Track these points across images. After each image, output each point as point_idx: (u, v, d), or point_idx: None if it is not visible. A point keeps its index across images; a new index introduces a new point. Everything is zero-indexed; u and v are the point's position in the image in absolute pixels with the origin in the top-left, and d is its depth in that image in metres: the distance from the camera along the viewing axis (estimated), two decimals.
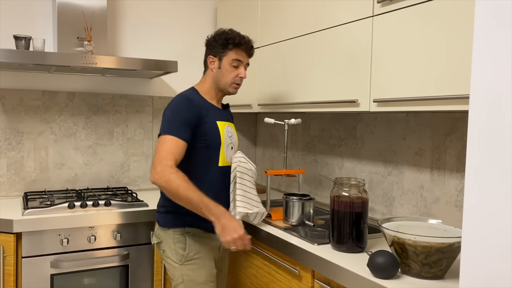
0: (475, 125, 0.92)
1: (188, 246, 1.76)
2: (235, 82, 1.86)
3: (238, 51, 1.84)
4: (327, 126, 2.42)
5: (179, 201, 1.62)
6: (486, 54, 0.90)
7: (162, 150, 1.64)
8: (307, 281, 1.61)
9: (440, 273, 1.32)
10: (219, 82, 1.86)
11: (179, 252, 1.76)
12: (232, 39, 1.82)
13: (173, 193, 1.61)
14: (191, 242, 1.77)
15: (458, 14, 1.33)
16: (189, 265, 1.76)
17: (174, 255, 1.77)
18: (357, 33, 1.72)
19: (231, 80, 1.85)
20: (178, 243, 1.77)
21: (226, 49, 1.83)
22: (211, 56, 1.86)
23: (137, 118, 2.77)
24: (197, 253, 1.77)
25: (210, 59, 1.86)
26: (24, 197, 2.34)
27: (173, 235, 1.77)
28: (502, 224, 0.87)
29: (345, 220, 1.57)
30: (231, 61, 1.83)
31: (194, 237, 1.78)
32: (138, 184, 2.80)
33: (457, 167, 1.72)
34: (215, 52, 1.85)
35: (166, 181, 1.59)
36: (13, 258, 1.98)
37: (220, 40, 1.84)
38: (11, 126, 2.46)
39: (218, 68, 1.85)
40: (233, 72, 1.84)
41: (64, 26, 2.33)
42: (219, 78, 1.85)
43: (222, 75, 1.84)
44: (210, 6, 2.95)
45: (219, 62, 1.84)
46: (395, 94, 1.55)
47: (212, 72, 1.87)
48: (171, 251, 1.77)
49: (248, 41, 1.88)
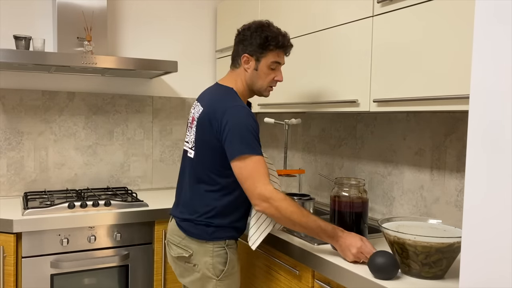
0: (475, 125, 0.92)
1: (229, 262, 1.61)
2: (271, 85, 1.69)
3: (280, 52, 1.64)
4: (327, 126, 2.42)
5: (292, 227, 1.50)
6: (486, 54, 0.90)
7: (255, 172, 1.47)
8: (307, 281, 1.60)
9: (440, 273, 1.32)
10: (254, 84, 1.67)
11: (218, 267, 1.60)
12: (274, 39, 1.61)
13: (286, 221, 1.48)
14: (232, 257, 1.63)
15: (458, 14, 1.33)
16: (226, 280, 1.62)
17: (211, 270, 1.59)
18: (357, 33, 1.72)
19: (267, 83, 1.67)
20: (218, 257, 1.60)
21: (267, 50, 1.61)
22: (247, 55, 1.63)
23: (137, 118, 2.77)
24: (233, 267, 1.64)
25: (245, 58, 1.63)
26: (24, 197, 2.34)
27: (213, 249, 1.60)
28: (502, 224, 0.87)
29: (345, 220, 1.57)
30: (270, 63, 1.63)
31: (232, 251, 1.64)
32: (138, 184, 2.80)
33: (457, 167, 1.72)
34: (252, 51, 1.62)
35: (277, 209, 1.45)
36: (13, 258, 1.98)
37: (259, 38, 1.60)
38: (11, 126, 2.46)
39: (254, 69, 1.64)
40: (271, 75, 1.65)
41: (64, 26, 2.33)
42: (254, 81, 1.66)
43: (259, 77, 1.65)
44: (210, 6, 2.95)
45: (256, 63, 1.63)
46: (395, 94, 1.55)
47: (245, 72, 1.65)
48: (207, 265, 1.60)
49: (289, 41, 1.67)
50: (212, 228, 1.60)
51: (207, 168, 1.60)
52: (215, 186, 1.60)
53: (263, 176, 1.48)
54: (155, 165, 2.84)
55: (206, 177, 1.61)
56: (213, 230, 1.60)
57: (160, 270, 2.27)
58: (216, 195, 1.60)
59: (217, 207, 1.60)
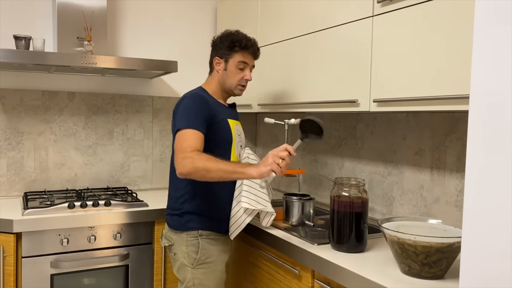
0: (475, 125, 0.92)
1: (201, 250, 1.75)
2: (241, 84, 1.87)
3: (245, 53, 1.84)
4: (327, 126, 2.42)
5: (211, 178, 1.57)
6: (486, 54, 0.90)
7: (183, 142, 1.62)
8: (307, 281, 1.61)
9: (440, 273, 1.32)
10: (224, 83, 1.86)
11: (192, 256, 1.75)
12: (238, 42, 1.82)
13: (203, 173, 1.55)
14: (204, 246, 1.76)
15: (458, 14, 1.33)
16: (201, 268, 1.75)
17: (186, 258, 1.75)
18: (357, 33, 1.72)
19: (236, 82, 1.86)
20: (191, 246, 1.75)
21: (232, 51, 1.83)
22: (217, 57, 1.86)
23: (137, 118, 2.77)
24: (209, 257, 1.76)
25: (216, 61, 1.87)
26: (24, 197, 2.34)
27: (186, 238, 1.76)
28: (502, 224, 0.87)
29: (345, 220, 1.57)
30: (237, 63, 1.84)
31: (207, 240, 1.77)
32: (138, 184, 2.80)
33: (457, 167, 1.72)
34: (221, 54, 1.85)
35: (192, 164, 1.54)
36: (13, 258, 1.98)
37: (226, 42, 1.84)
38: (11, 126, 2.46)
39: (224, 70, 1.85)
40: (239, 74, 1.85)
41: (64, 26, 2.33)
42: (224, 80, 1.86)
43: (228, 77, 1.85)
44: (210, 6, 2.95)
45: (225, 64, 1.85)
46: (395, 94, 1.55)
47: (218, 74, 1.87)
48: (183, 254, 1.76)
49: (255, 44, 1.89)
50: (185, 218, 1.76)
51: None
52: None
53: (186, 144, 1.60)
54: (155, 165, 2.84)
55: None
56: (186, 220, 1.76)
57: (160, 270, 2.27)
58: (186, 180, 1.73)
59: (186, 192, 1.77)
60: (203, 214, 1.77)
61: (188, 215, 1.77)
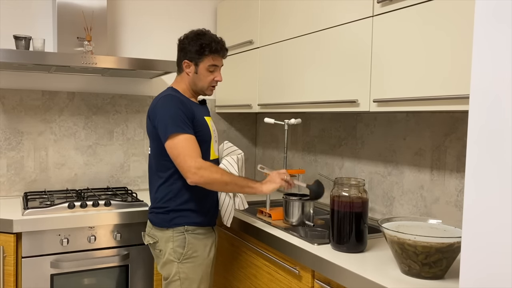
0: (475, 125, 0.92)
1: (187, 245, 1.78)
2: (212, 85, 1.88)
3: (215, 56, 1.83)
4: (327, 126, 2.42)
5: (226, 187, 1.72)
6: (486, 54, 0.90)
7: (186, 150, 1.66)
8: (307, 281, 1.61)
9: (440, 273, 1.32)
10: (196, 85, 1.86)
11: (178, 251, 1.77)
12: (208, 46, 1.80)
13: (220, 185, 1.70)
14: (191, 241, 1.78)
15: (458, 14, 1.33)
16: (187, 263, 1.78)
17: (172, 254, 1.77)
18: (357, 33, 1.72)
19: (208, 84, 1.86)
20: (177, 241, 1.78)
21: (202, 55, 1.80)
22: (187, 61, 1.83)
23: (137, 118, 2.77)
24: (196, 251, 1.79)
25: (186, 64, 1.84)
26: (24, 197, 2.34)
27: (172, 234, 1.78)
28: (502, 224, 0.87)
29: (345, 220, 1.57)
30: (208, 67, 1.82)
31: (193, 235, 1.79)
32: (138, 184, 2.80)
33: (457, 167, 1.72)
34: (191, 58, 1.82)
35: (209, 175, 1.65)
36: (13, 258, 1.98)
37: (195, 46, 1.80)
38: (11, 126, 2.46)
39: (194, 73, 1.83)
40: (210, 76, 1.84)
41: (64, 26, 2.33)
42: (196, 82, 1.85)
43: (199, 80, 1.84)
44: (210, 6, 2.95)
45: (195, 67, 1.83)
46: (395, 94, 1.55)
47: (188, 76, 1.85)
48: (169, 250, 1.78)
49: (223, 45, 1.87)
50: (171, 215, 1.79)
51: (158, 157, 1.80)
52: (167, 172, 1.79)
53: (192, 151, 1.67)
54: None
55: (159, 165, 1.81)
56: (171, 217, 1.79)
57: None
58: (170, 180, 1.79)
59: (171, 191, 1.79)
60: (189, 209, 1.79)
61: (173, 212, 1.79)
